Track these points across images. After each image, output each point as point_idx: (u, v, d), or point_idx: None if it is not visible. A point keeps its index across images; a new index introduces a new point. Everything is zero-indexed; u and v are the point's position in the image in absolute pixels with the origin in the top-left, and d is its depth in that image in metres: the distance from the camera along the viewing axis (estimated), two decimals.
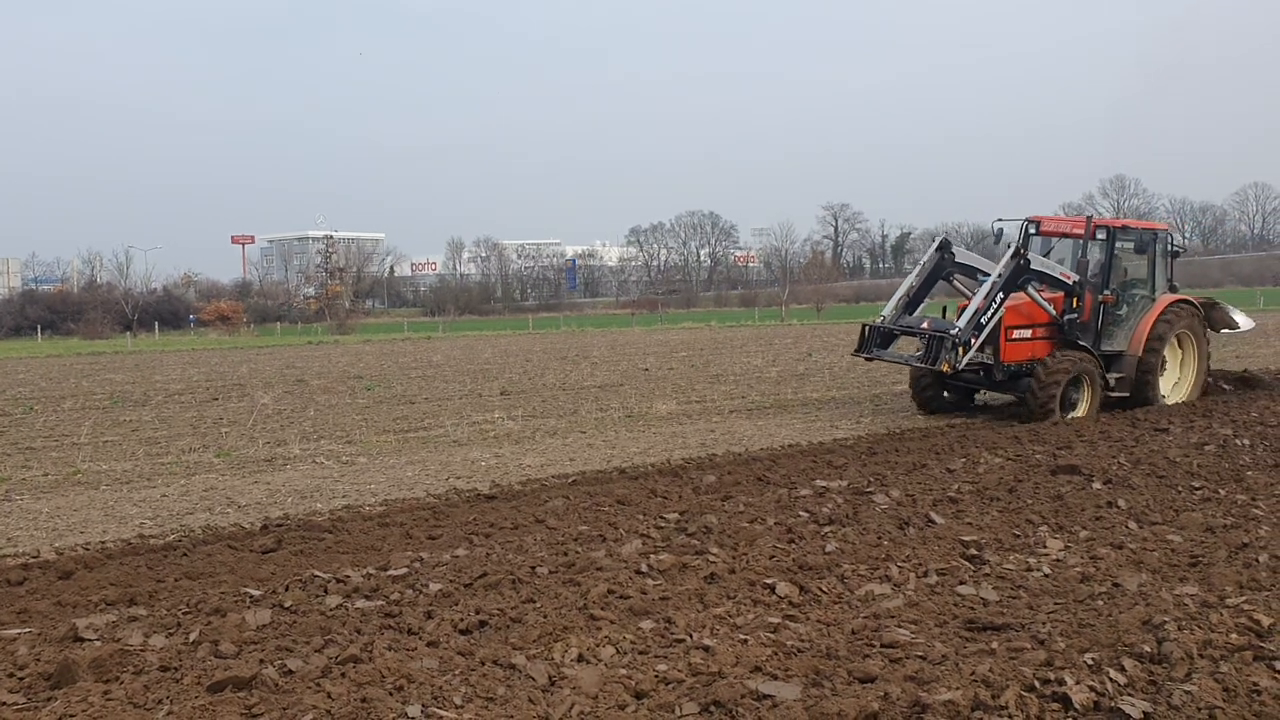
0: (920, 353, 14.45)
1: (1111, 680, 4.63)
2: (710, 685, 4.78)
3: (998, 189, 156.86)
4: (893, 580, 6.60)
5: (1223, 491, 9.14)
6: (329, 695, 4.67)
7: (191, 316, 77.56)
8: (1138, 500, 8.81)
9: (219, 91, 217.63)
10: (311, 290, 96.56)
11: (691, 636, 5.54)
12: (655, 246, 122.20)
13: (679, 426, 15.10)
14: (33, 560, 8.03)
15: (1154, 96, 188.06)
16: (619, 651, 5.34)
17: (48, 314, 71.57)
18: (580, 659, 5.23)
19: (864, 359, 15.35)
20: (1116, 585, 6.36)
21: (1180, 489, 9.30)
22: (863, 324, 15.54)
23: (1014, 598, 6.28)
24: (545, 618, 5.83)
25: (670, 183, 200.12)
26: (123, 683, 5.01)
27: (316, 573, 7.02)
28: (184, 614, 6.28)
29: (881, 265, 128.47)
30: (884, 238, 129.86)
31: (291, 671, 5.06)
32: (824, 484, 9.75)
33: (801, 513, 8.49)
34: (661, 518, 8.49)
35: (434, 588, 6.56)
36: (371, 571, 7.09)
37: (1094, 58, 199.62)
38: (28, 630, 6.10)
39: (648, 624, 5.71)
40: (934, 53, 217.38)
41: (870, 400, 17.95)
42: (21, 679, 5.23)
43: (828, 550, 7.24)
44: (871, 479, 10.08)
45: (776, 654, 5.24)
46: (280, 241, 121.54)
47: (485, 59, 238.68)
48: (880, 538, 7.66)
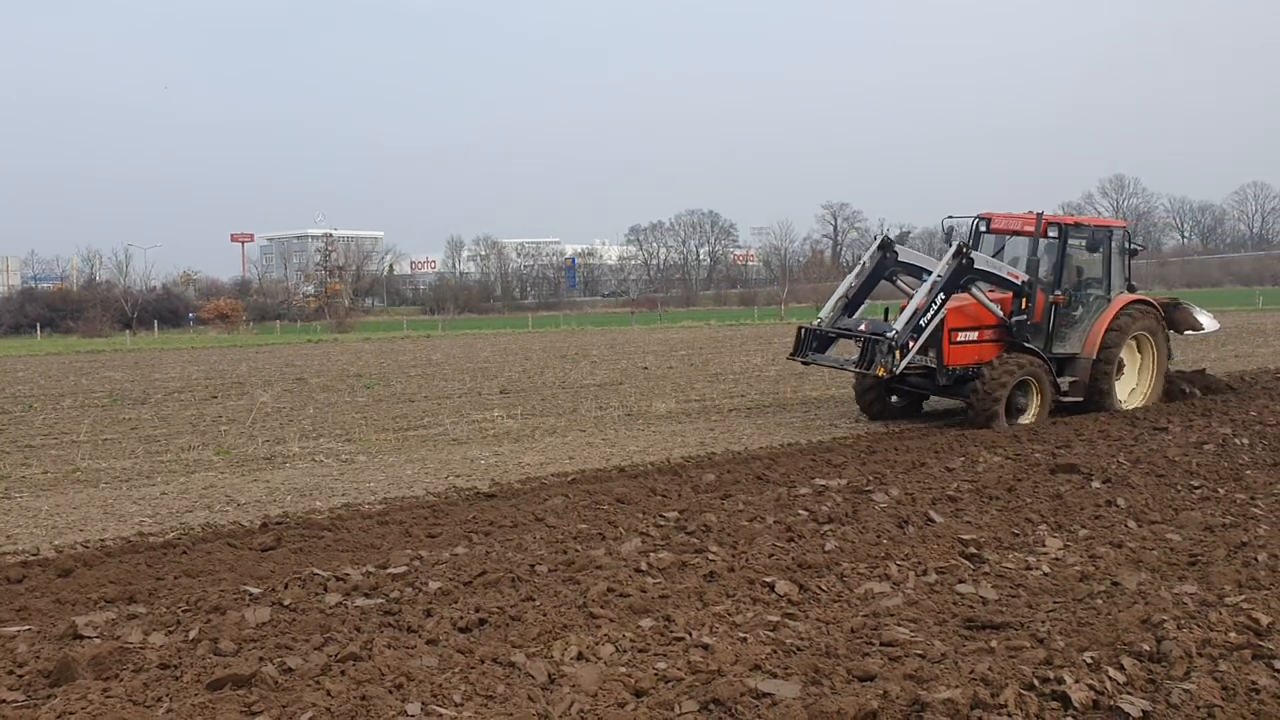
0: (856, 356, 13.74)
1: (1110, 679, 4.63)
2: (709, 683, 4.79)
3: (998, 189, 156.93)
4: (892, 579, 6.60)
5: (1222, 490, 9.15)
6: (328, 693, 4.67)
7: (191, 315, 77.56)
8: (1137, 499, 8.81)
9: (219, 91, 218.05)
10: (311, 289, 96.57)
11: (691, 635, 5.54)
12: (655, 245, 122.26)
13: (678, 425, 15.10)
14: (32, 558, 8.02)
15: (1154, 96, 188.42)
16: (618, 650, 5.34)
17: (47, 312, 71.54)
18: (580, 657, 5.23)
19: (800, 363, 14.60)
20: (1115, 584, 6.37)
21: (1179, 488, 9.31)
22: (799, 326, 14.81)
23: (1013, 596, 6.28)
24: (545, 616, 5.83)
25: (670, 182, 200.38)
26: (122, 680, 5.01)
27: (316, 571, 7.02)
28: (183, 612, 6.27)
29: None
30: None
31: (291, 669, 5.06)
32: (823, 482, 9.75)
33: (801, 511, 8.49)
34: (661, 516, 8.50)
35: (433, 586, 6.56)
36: (371, 569, 7.10)
37: (1094, 58, 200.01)
38: (27, 628, 6.10)
39: (647, 622, 5.71)
40: (934, 53, 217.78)
41: None
42: (21, 676, 5.23)
43: (827, 549, 7.24)
44: (871, 477, 10.09)
45: (776, 652, 5.24)
46: (280, 240, 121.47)
47: (485, 59, 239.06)
48: (879, 536, 7.66)
